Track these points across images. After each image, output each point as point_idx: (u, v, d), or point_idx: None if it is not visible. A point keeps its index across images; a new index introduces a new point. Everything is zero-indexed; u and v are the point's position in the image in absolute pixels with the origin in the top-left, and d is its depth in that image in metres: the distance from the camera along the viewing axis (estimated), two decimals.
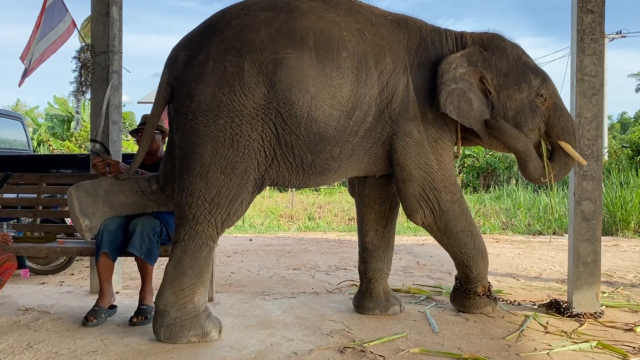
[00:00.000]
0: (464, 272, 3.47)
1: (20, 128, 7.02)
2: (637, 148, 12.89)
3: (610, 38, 18.97)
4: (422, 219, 3.25)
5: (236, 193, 2.89)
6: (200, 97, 2.80)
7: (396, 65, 3.07)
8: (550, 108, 3.36)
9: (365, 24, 3.06)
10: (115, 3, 4.26)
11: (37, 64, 4.21)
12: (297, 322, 3.36)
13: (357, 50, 2.96)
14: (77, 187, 3.13)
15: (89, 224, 3.13)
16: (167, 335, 2.87)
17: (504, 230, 9.36)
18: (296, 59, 2.82)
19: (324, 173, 3.06)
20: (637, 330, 3.26)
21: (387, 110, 3.05)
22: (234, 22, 2.87)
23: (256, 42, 2.81)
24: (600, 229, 3.62)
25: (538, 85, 3.31)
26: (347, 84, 2.92)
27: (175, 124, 2.98)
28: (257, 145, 2.87)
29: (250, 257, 6.37)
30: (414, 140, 3.11)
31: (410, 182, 3.16)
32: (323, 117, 2.89)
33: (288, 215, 11.39)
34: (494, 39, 3.35)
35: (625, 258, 6.30)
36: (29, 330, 3.16)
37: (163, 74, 3.00)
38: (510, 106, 3.29)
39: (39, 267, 5.11)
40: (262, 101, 2.82)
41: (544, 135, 3.40)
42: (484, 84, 3.27)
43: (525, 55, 3.39)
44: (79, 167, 5.51)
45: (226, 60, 2.80)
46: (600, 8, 3.57)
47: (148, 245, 3.27)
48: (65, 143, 18.47)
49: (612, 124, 31.59)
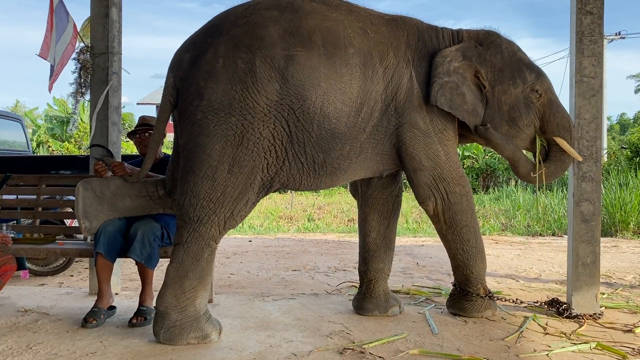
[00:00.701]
0: (463, 274, 3.45)
1: (19, 129, 7.02)
2: (636, 149, 12.89)
3: (610, 39, 18.96)
4: (433, 206, 3.28)
5: (241, 192, 2.88)
6: (212, 95, 2.78)
7: (399, 61, 3.10)
8: (545, 104, 3.38)
9: (366, 22, 3.09)
10: (114, 4, 4.26)
11: (60, 68, 4.20)
12: (297, 324, 3.36)
13: (362, 47, 2.99)
14: (85, 185, 3.11)
15: (89, 225, 3.13)
16: (167, 337, 2.87)
17: (503, 231, 9.36)
18: (306, 56, 2.83)
19: (335, 173, 3.06)
20: (636, 331, 3.27)
21: (392, 104, 3.08)
22: (241, 21, 2.88)
23: (266, 38, 2.81)
24: (599, 230, 3.63)
25: (533, 81, 3.34)
26: (356, 79, 2.95)
27: (181, 125, 2.94)
28: (267, 144, 2.86)
29: (249, 258, 6.37)
30: (421, 131, 3.14)
31: (422, 170, 3.19)
32: (335, 113, 2.91)
33: (287, 217, 11.38)
34: (489, 35, 3.39)
35: (625, 259, 6.31)
36: (28, 332, 3.15)
37: (167, 78, 2.97)
38: (505, 101, 3.32)
39: (38, 268, 5.10)
40: (275, 97, 2.81)
41: (539, 131, 3.42)
42: (479, 78, 3.30)
43: (521, 52, 3.42)
44: (79, 168, 5.51)
45: (237, 57, 2.79)
46: (599, 9, 3.57)
47: (149, 250, 3.26)
48: (64, 144, 18.48)
49: (612, 125, 31.62)
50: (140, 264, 3.32)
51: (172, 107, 2.98)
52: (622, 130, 30.44)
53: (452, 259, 3.47)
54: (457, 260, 3.44)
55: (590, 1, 3.56)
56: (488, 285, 3.59)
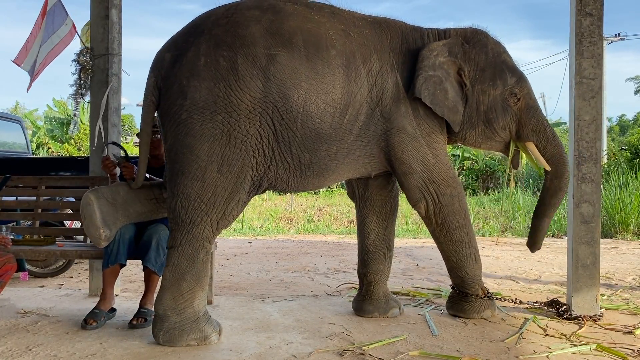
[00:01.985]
0: (459, 277, 3.45)
1: (19, 131, 7.01)
2: (635, 151, 12.88)
3: (609, 41, 18.97)
4: (425, 209, 3.28)
5: (232, 192, 2.88)
6: (195, 94, 2.78)
7: (383, 64, 3.10)
8: (522, 109, 3.38)
9: (349, 25, 3.10)
10: (114, 6, 4.26)
11: (41, 68, 4.20)
12: (297, 325, 3.36)
13: (345, 49, 2.99)
14: (97, 195, 3.00)
15: (109, 234, 3.03)
16: (166, 339, 2.87)
17: (503, 232, 9.36)
18: (287, 57, 2.83)
19: (322, 174, 3.07)
20: (636, 332, 3.26)
21: (378, 108, 3.08)
22: (222, 20, 2.88)
23: (247, 37, 2.82)
24: (599, 231, 3.63)
25: (513, 85, 3.34)
26: (339, 80, 2.95)
27: (165, 126, 2.91)
28: (255, 142, 2.86)
29: (249, 259, 6.36)
30: (409, 135, 3.15)
31: (412, 174, 3.20)
32: (318, 112, 2.90)
33: (287, 218, 11.39)
34: (477, 33, 3.39)
35: (625, 260, 6.31)
36: (27, 333, 3.15)
37: (149, 78, 2.94)
38: (483, 101, 3.32)
39: (38, 270, 5.10)
40: (259, 95, 2.81)
41: (514, 136, 3.42)
42: (461, 76, 3.30)
43: (506, 54, 3.42)
44: (78, 169, 5.51)
45: (219, 55, 2.79)
46: (599, 11, 3.58)
47: (163, 259, 3.27)
48: (64, 146, 18.48)
49: (612, 126, 31.61)
50: (149, 270, 3.34)
51: (155, 107, 2.96)
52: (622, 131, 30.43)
53: (446, 260, 3.47)
54: (450, 261, 3.43)
55: (589, 3, 3.57)
56: (488, 287, 3.59)
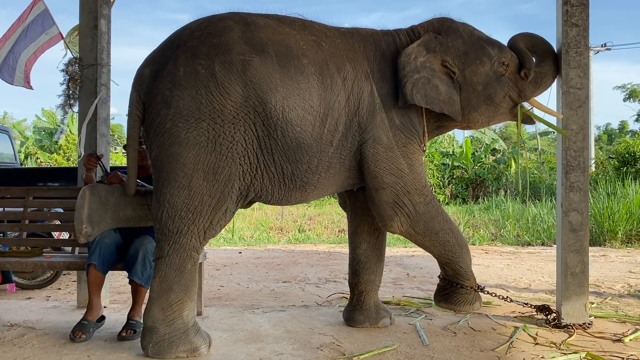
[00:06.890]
0: (453, 269, 3.43)
1: (7, 141, 6.96)
2: (623, 159, 13.02)
3: (596, 51, 19.23)
4: (398, 226, 3.24)
5: (219, 200, 2.87)
6: (179, 102, 2.80)
7: (357, 72, 3.11)
8: (513, 71, 3.44)
9: (320, 36, 3.12)
10: (103, 16, 4.26)
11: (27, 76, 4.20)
12: (287, 336, 3.34)
13: (317, 58, 3.01)
14: (92, 190, 3.04)
15: (90, 231, 3.03)
16: (155, 351, 2.84)
17: (493, 241, 9.40)
18: (260, 62, 2.86)
19: (304, 187, 3.07)
20: (625, 340, 3.28)
21: (355, 118, 3.09)
22: (196, 33, 2.93)
23: (222, 45, 2.86)
24: (587, 239, 3.65)
25: (497, 54, 3.39)
26: (314, 88, 2.96)
27: (150, 137, 2.92)
28: (240, 149, 2.86)
29: (239, 270, 6.33)
30: (384, 146, 3.14)
31: (383, 189, 3.17)
32: (298, 120, 2.92)
33: (278, 228, 11.35)
34: (444, 22, 3.42)
35: (613, 268, 6.35)
36: (14, 347, 3.11)
37: (131, 94, 2.96)
38: (477, 81, 3.35)
39: (25, 281, 5.04)
40: (240, 99, 2.83)
41: (517, 99, 3.47)
42: (446, 67, 3.32)
43: (477, 30, 3.47)
44: (67, 180, 5.47)
45: (196, 64, 2.82)
46: (585, 22, 3.62)
47: (149, 272, 3.26)
48: (53, 156, 18.34)
49: (599, 134, 31.93)
50: (136, 283, 3.31)
51: (140, 121, 2.96)
52: (610, 140, 30.74)
53: (438, 258, 3.46)
54: (442, 259, 3.43)
55: (575, 13, 3.61)
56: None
